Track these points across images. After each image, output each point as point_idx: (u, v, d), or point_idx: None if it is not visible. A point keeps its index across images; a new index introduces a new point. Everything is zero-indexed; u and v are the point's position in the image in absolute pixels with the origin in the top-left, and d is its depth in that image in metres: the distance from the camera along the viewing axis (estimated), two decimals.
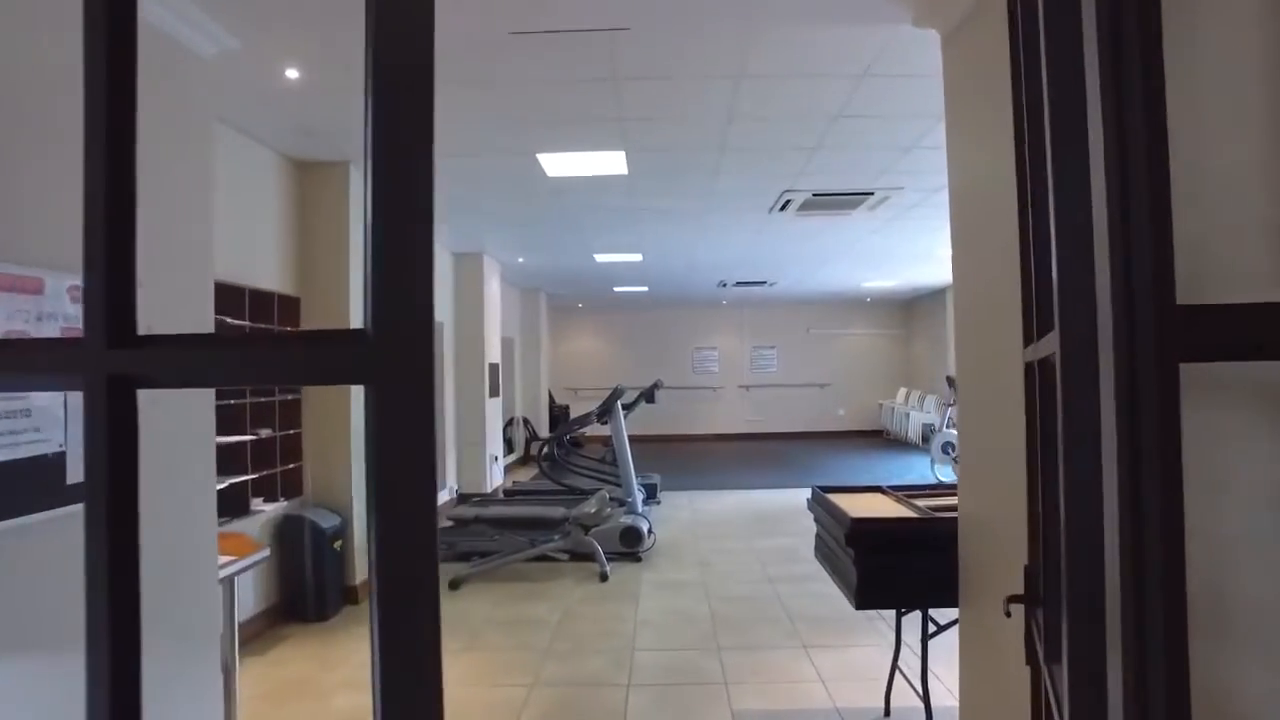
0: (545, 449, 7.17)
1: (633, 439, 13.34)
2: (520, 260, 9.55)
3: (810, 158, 5.08)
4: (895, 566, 2.49)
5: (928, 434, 13.79)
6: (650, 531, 6.11)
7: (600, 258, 9.31)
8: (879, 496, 3.19)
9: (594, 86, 3.85)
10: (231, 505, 3.73)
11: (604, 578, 5.40)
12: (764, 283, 12.12)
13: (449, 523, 6.06)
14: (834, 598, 4.77)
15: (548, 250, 8.87)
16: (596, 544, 5.46)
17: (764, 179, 5.66)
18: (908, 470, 10.76)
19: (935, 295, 14.02)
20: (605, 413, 6.17)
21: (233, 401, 3.76)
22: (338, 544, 4.75)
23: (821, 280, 12.01)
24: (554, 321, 15.99)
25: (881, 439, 15.35)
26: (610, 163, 5.14)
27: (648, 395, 8.32)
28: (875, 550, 2.51)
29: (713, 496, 8.93)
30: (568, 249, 8.74)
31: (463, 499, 8.61)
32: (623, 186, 5.81)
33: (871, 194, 6.02)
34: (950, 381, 9.08)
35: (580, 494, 7.49)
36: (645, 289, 12.85)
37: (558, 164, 5.15)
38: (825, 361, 16.28)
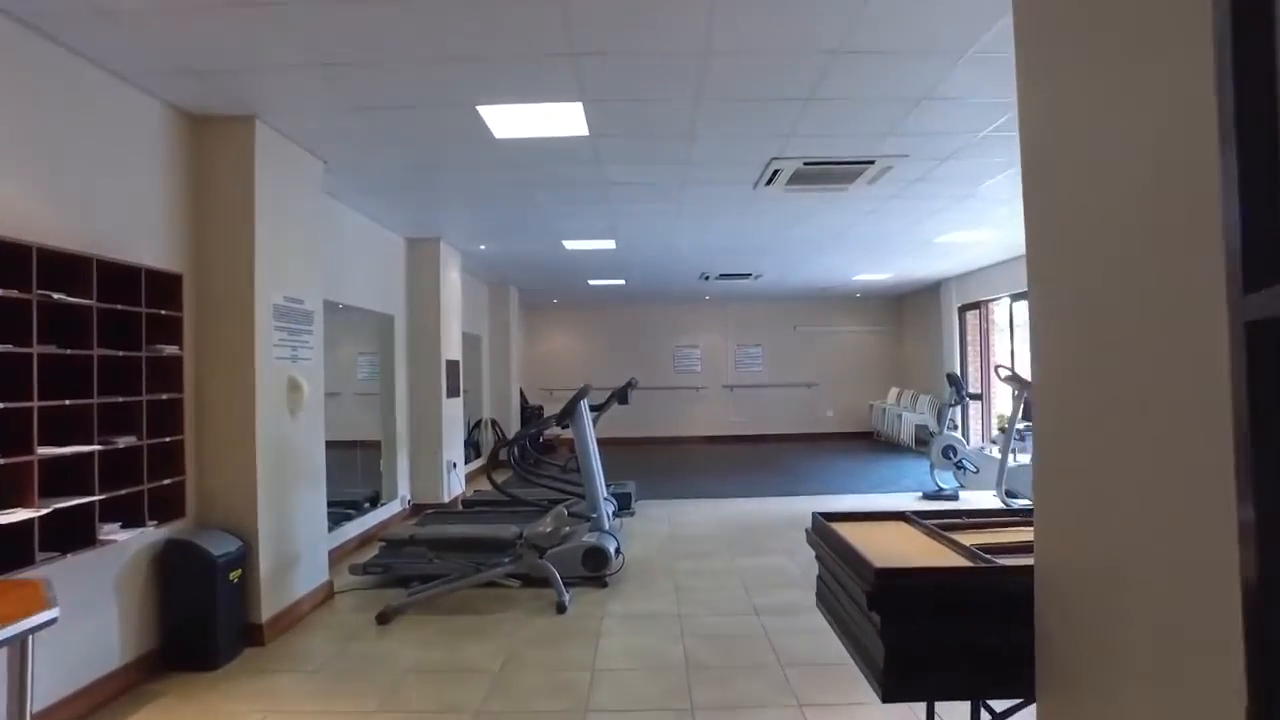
0: (505, 455, 6.36)
1: (608, 442, 12.54)
2: (482, 248, 8.73)
3: (802, 112, 4.30)
4: (939, 639, 1.72)
5: (921, 436, 13.11)
6: (618, 552, 5.31)
7: (570, 245, 8.50)
8: (902, 527, 2.41)
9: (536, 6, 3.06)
10: (63, 537, 2.90)
11: (561, 609, 4.60)
12: (749, 275, 11.36)
13: (380, 544, 5.24)
14: (833, 636, 4.02)
15: (511, 236, 8.06)
16: (553, 569, 4.66)
17: (748, 143, 4.88)
18: (903, 475, 10.03)
19: (929, 290, 13.32)
20: (567, 415, 5.37)
21: (68, 402, 2.92)
22: (235, 574, 3.92)
23: (810, 272, 11.26)
24: (527, 319, 15.18)
25: (871, 441, 14.63)
26: (567, 119, 4.34)
27: (620, 395, 7.53)
28: (910, 615, 1.73)
29: (693, 506, 8.15)
30: (533, 235, 7.93)
31: (417, 510, 7.79)
32: (586, 153, 5.02)
33: (871, 163, 5.26)
34: (952, 380, 8.36)
35: (546, 506, 6.70)
36: (622, 282, 12.06)
37: (505, 120, 4.35)
38: (812, 360, 15.56)
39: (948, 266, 11.05)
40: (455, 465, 8.34)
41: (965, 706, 2.07)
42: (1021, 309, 10.97)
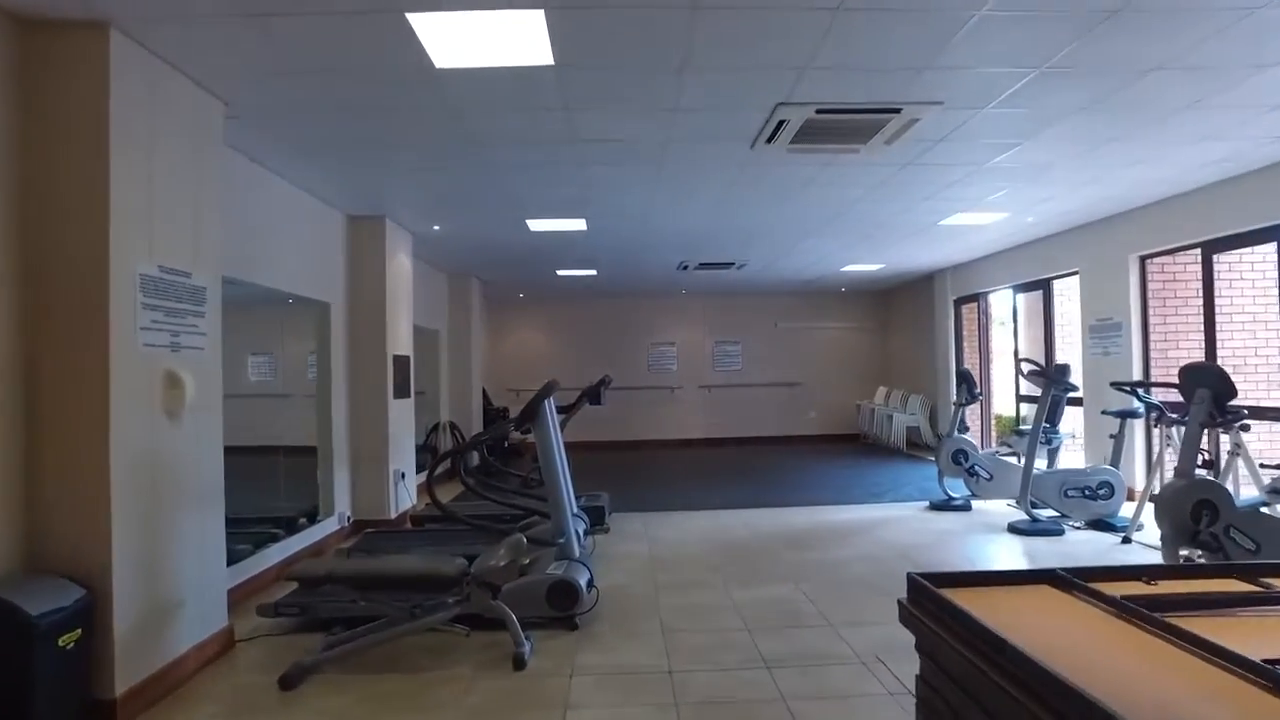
0: (462, 467, 5.36)
1: (578, 446, 11.54)
2: (436, 229, 7.71)
3: (827, 32, 3.38)
4: None
5: (913, 438, 12.31)
6: (591, 584, 4.35)
7: (535, 225, 7.52)
8: (1073, 605, 1.49)
9: None
10: None
11: (520, 663, 3.63)
12: (731, 264, 10.45)
13: (292, 584, 4.21)
14: (873, 698, 3.11)
15: (467, 213, 7.05)
16: (509, 612, 3.68)
17: (753, 79, 3.95)
18: (901, 481, 9.19)
19: (921, 283, 12.53)
20: (528, 418, 4.39)
21: None
22: (70, 637, 2.88)
23: (797, 262, 10.38)
24: (491, 313, 14.15)
25: (858, 443, 13.81)
26: (525, 38, 3.37)
27: (592, 395, 6.58)
28: None
29: (674, 520, 7.20)
30: (492, 212, 6.94)
31: (359, 528, 6.75)
32: (550, 94, 4.05)
33: (897, 112, 4.35)
34: (963, 377, 7.52)
35: (512, 521, 5.73)
36: (593, 273, 11.08)
37: (446, 39, 3.37)
38: (795, 359, 14.71)
39: (945, 255, 10.25)
40: (404, 476, 7.30)
41: None
42: (1026, 300, 10.21)
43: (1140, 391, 5.75)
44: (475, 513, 6.23)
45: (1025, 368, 6.46)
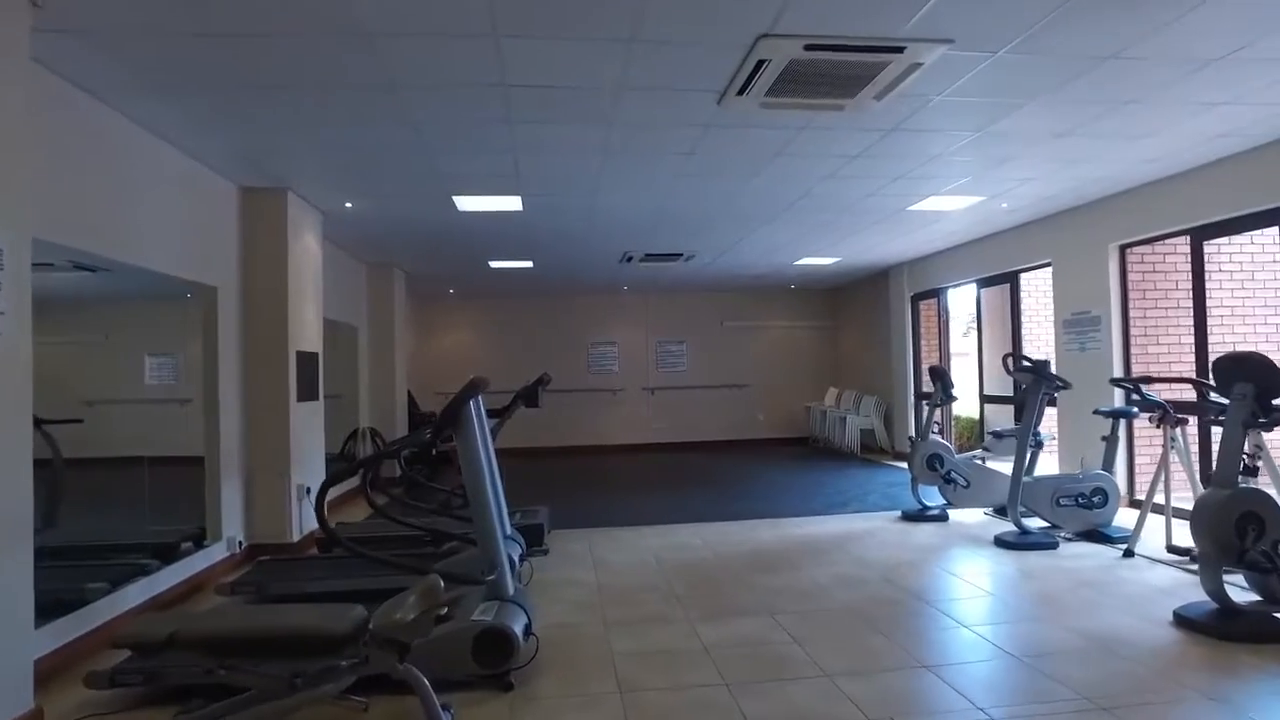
0: (367, 482, 4.41)
1: (513, 453, 10.67)
2: (349, 206, 6.71)
3: None
4: None
5: (867, 442, 11.76)
6: (529, 630, 3.48)
7: (464, 203, 6.60)
8: None
9: None
10: None
11: None
12: (679, 256, 9.69)
13: (125, 652, 3.21)
14: None
15: (383, 187, 6.08)
16: (421, 679, 2.80)
17: (730, 3, 3.17)
18: (864, 488, 8.55)
19: (875, 279, 12.00)
20: (449, 423, 3.49)
21: None
22: None
23: (749, 254, 9.67)
24: (418, 310, 13.10)
25: (808, 447, 13.22)
26: None
27: (528, 396, 5.71)
28: None
29: (622, 538, 6.37)
30: (413, 185, 6.00)
31: (253, 554, 5.74)
32: (477, 14, 3.19)
33: (899, 51, 3.62)
34: (937, 375, 6.90)
35: (448, 541, 4.84)
36: (529, 265, 10.18)
37: None
38: (742, 359, 14.06)
39: (905, 248, 9.69)
40: (309, 491, 6.28)
41: None
42: (989, 295, 9.73)
43: (1143, 388, 5.18)
44: (394, 534, 5.32)
45: (1010, 364, 5.85)
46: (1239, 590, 3.94)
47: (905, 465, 10.52)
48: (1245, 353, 3.93)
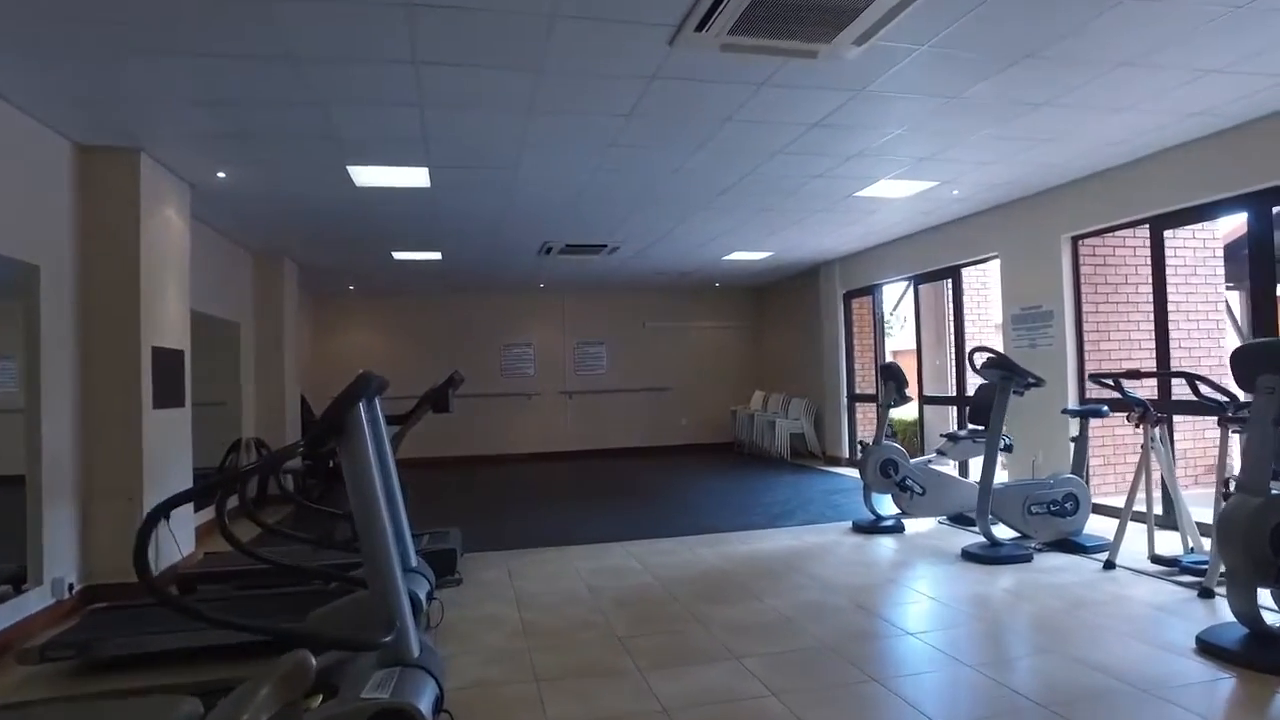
0: (220, 508, 3.46)
1: (415, 464, 9.63)
2: (221, 176, 5.66)
3: None
4: None
5: (797, 446, 11.27)
6: (439, 704, 2.65)
7: (362, 175, 5.67)
8: None
9: None
10: None
11: None
12: (603, 247, 8.94)
13: None
14: None
15: (263, 151, 5.08)
16: None
17: None
18: (802, 496, 7.98)
19: (803, 277, 11.55)
20: (329, 432, 2.61)
21: None
22: None
23: (677, 245, 9.01)
24: (314, 308, 11.95)
25: (735, 453, 12.67)
26: None
27: (436, 399, 4.85)
28: None
29: (547, 561, 5.56)
30: (300, 149, 5.04)
31: (87, 598, 4.66)
32: None
33: None
34: (890, 373, 6.36)
35: (338, 570, 3.93)
36: (437, 257, 9.23)
37: None
38: (664, 361, 13.42)
39: (841, 242, 9.22)
40: (169, 516, 5.20)
41: None
42: (928, 292, 9.38)
43: (1124, 385, 4.74)
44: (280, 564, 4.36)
45: (979, 359, 5.36)
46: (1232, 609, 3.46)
47: (840, 470, 10.13)
48: (1271, 340, 3.47)
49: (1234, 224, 7.15)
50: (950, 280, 8.38)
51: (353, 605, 3.24)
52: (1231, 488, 3.52)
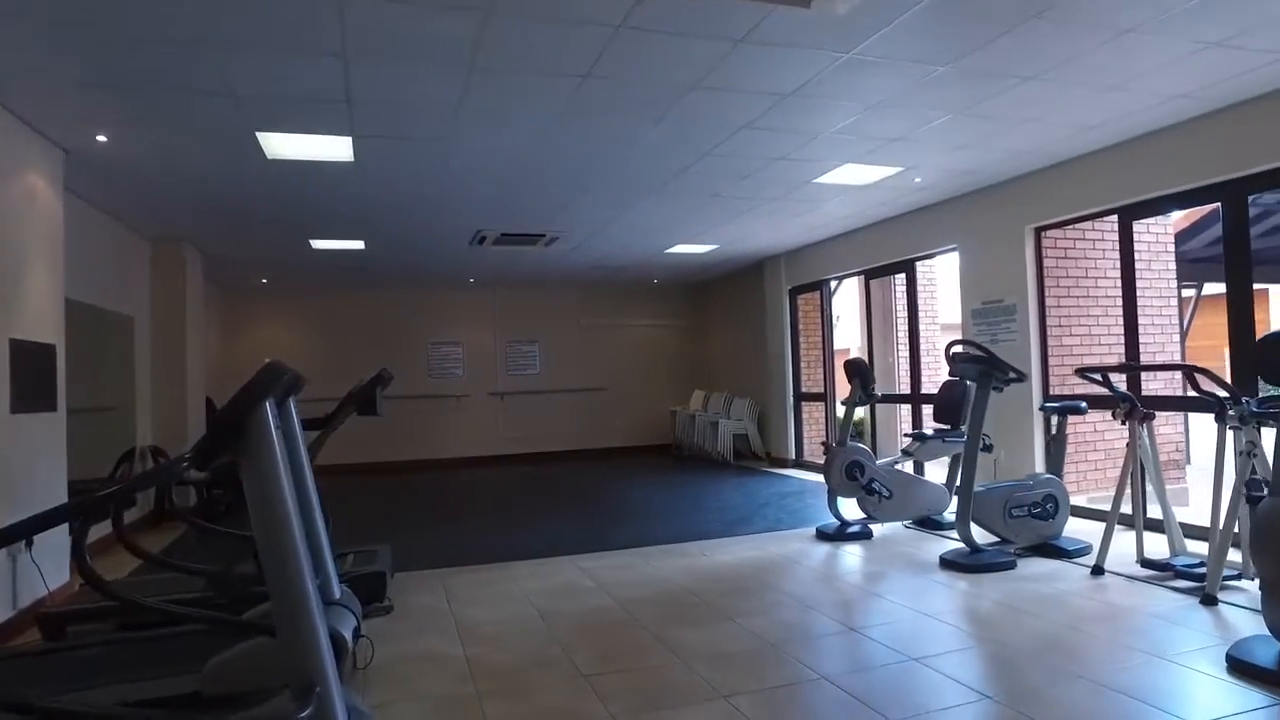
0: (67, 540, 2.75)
1: (337, 471, 8.86)
2: (102, 139, 4.84)
3: None
4: None
5: (740, 447, 10.89)
6: None
7: (274, 145, 4.95)
8: None
9: None
10: None
11: None
12: (540, 237, 8.35)
13: None
14: None
15: (154, 106, 4.31)
16: None
17: None
18: (754, 501, 7.56)
19: (747, 272, 11.18)
20: (223, 438, 1.99)
21: None
22: None
23: (619, 237, 8.50)
24: (223, 302, 10.97)
25: (674, 455, 12.23)
26: None
27: (362, 399, 4.20)
28: None
29: (487, 581, 4.96)
30: (198, 105, 4.30)
31: None
32: None
33: None
34: (855, 370, 5.98)
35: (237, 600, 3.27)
36: (360, 246, 8.47)
37: None
38: (600, 361, 12.90)
39: (790, 235, 8.87)
40: (29, 544, 4.38)
41: None
42: (879, 287, 9.12)
43: (1112, 380, 4.45)
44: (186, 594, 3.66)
45: (955, 350, 5.01)
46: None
47: (787, 471, 9.78)
48: None
49: (1184, 214, 7.09)
50: (904, 275, 8.11)
51: (257, 655, 2.59)
52: (1258, 491, 3.22)
